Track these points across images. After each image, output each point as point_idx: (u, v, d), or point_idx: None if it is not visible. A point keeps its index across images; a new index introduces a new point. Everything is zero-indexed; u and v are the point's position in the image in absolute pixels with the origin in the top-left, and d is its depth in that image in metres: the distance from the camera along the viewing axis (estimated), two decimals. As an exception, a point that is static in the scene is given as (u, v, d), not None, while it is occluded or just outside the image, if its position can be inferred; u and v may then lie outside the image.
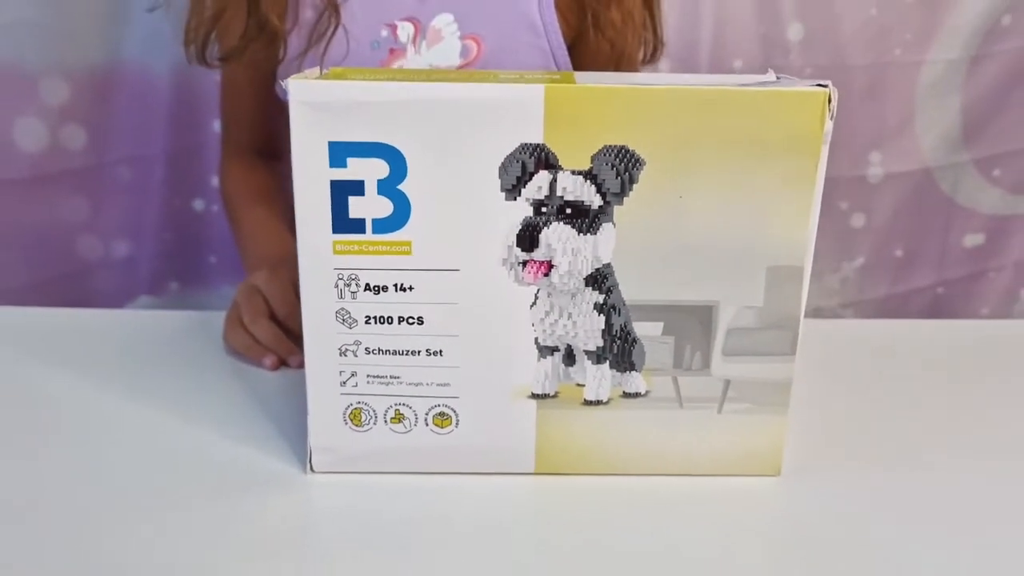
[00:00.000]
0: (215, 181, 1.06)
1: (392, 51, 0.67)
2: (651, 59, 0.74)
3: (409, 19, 0.67)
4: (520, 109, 0.38)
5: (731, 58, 1.05)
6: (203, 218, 1.09)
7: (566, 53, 0.68)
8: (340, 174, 0.39)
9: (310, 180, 0.39)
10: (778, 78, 0.45)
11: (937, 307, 1.17)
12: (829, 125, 0.39)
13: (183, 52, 0.88)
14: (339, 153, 0.39)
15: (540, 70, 0.65)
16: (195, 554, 0.38)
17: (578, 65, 0.70)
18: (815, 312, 1.15)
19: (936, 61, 1.07)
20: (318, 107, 0.38)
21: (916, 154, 1.10)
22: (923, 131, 1.10)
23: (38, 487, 0.43)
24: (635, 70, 0.73)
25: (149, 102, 1.04)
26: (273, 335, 0.57)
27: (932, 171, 1.11)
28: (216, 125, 1.04)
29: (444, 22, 0.66)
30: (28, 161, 1.03)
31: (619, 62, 0.69)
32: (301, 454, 0.46)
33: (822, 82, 0.40)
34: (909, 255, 1.15)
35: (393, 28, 0.67)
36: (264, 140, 0.82)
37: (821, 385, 0.55)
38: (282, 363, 0.56)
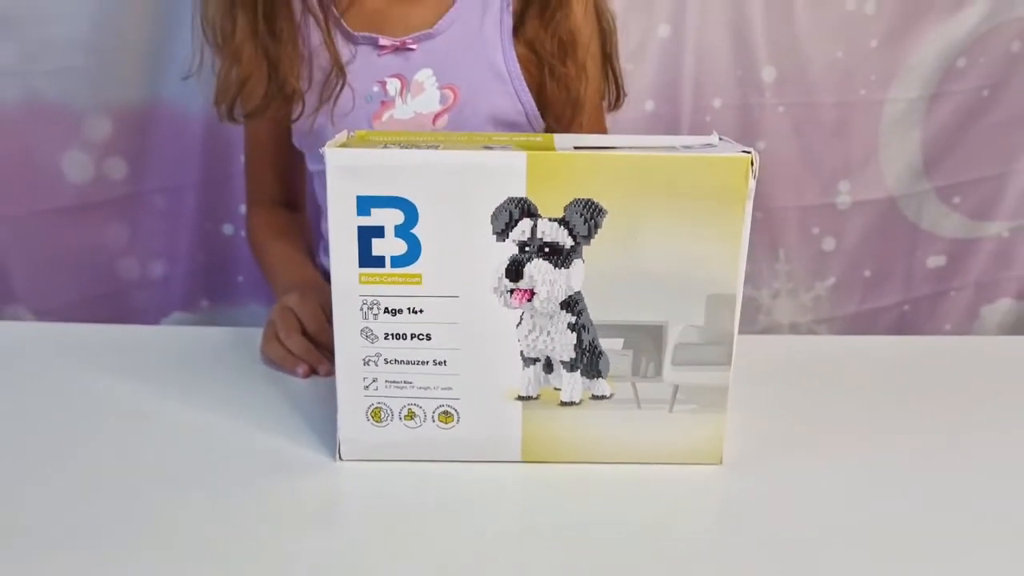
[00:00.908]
0: (243, 208, 1.16)
1: (383, 103, 0.78)
2: (615, 106, 0.85)
3: (396, 75, 0.78)
4: (508, 171, 0.48)
5: (711, 96, 1.14)
6: (232, 241, 1.19)
7: (530, 97, 0.79)
8: (365, 221, 0.49)
9: (342, 225, 0.49)
10: (720, 139, 0.55)
11: (903, 323, 1.26)
12: (752, 183, 0.49)
13: (212, 93, 0.99)
14: (365, 205, 0.49)
15: (524, 133, 0.76)
16: (246, 526, 0.48)
17: (542, 107, 0.81)
18: (791, 328, 1.25)
19: (898, 99, 1.16)
20: (349, 170, 0.48)
21: (881, 184, 1.20)
22: (887, 163, 1.19)
23: (106, 473, 0.53)
24: (597, 115, 0.84)
25: (184, 137, 1.14)
26: (305, 348, 0.67)
27: (896, 199, 1.21)
28: (243, 158, 1.15)
29: (425, 76, 0.78)
30: (74, 191, 1.13)
31: (575, 107, 0.80)
32: (330, 445, 0.56)
33: (747, 148, 0.50)
34: (877, 276, 1.24)
35: (383, 84, 0.78)
36: (284, 191, 0.93)
37: (774, 391, 0.65)
38: (312, 372, 0.66)
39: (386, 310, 0.51)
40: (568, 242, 0.50)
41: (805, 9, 1.11)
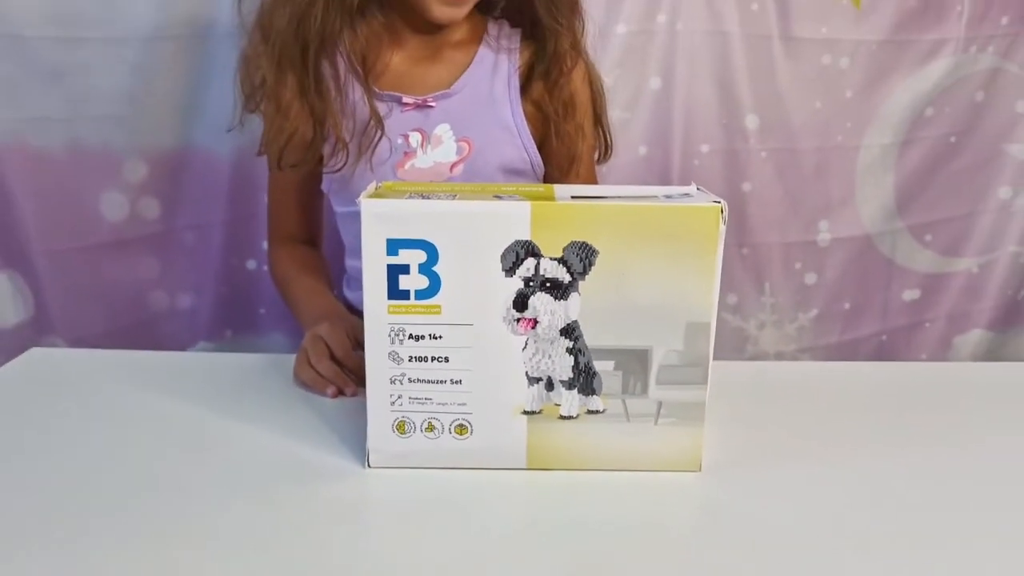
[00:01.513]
0: (265, 245, 1.25)
1: (406, 153, 0.88)
2: (604, 158, 0.95)
3: (417, 129, 0.87)
4: (515, 218, 0.57)
5: (699, 142, 1.24)
6: (255, 276, 1.27)
7: (535, 148, 0.89)
8: (393, 260, 0.58)
9: (374, 263, 0.58)
10: (698, 190, 0.64)
11: (882, 352, 1.34)
12: (722, 228, 0.57)
13: (239, 137, 1.09)
14: (393, 246, 0.58)
15: (529, 183, 0.85)
16: (288, 523, 0.56)
17: (544, 157, 0.91)
18: (777, 356, 1.33)
19: (872, 145, 1.26)
20: (380, 217, 0.57)
21: (858, 222, 1.29)
22: (863, 203, 1.28)
23: (161, 479, 0.61)
24: (590, 166, 0.94)
25: (212, 179, 1.23)
26: (334, 372, 0.75)
27: (872, 237, 1.30)
28: (266, 198, 1.24)
29: (443, 130, 0.87)
30: (110, 228, 1.22)
31: (573, 160, 0.90)
32: (359, 455, 0.64)
33: (717, 199, 0.58)
34: (856, 308, 1.33)
35: (406, 137, 0.87)
36: (307, 230, 1.01)
37: (751, 408, 0.73)
38: (340, 393, 0.74)
39: (410, 336, 0.59)
40: (566, 278, 0.58)
41: (785, 63, 1.21)
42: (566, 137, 0.88)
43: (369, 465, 0.63)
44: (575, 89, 0.88)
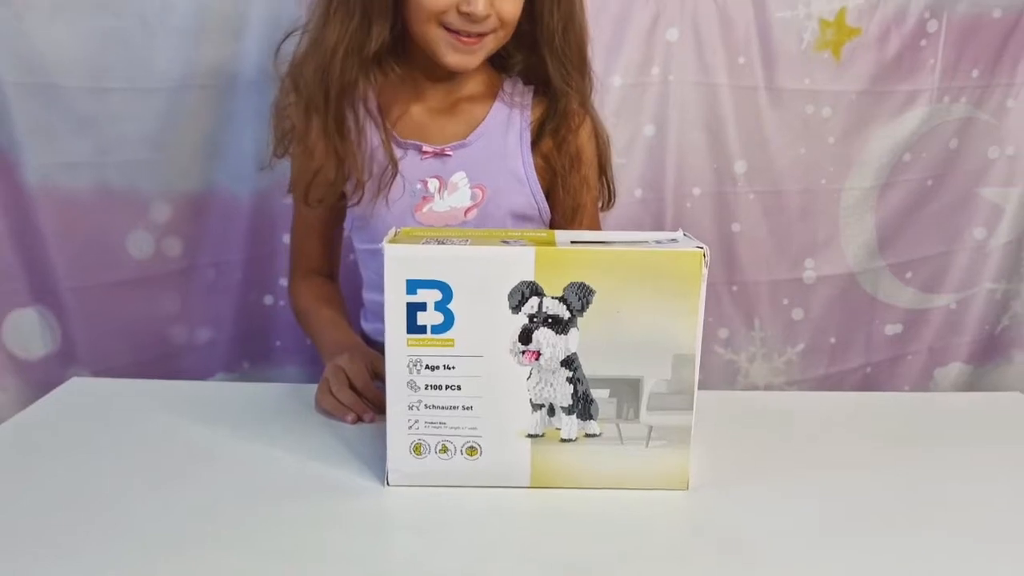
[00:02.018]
0: (283, 281, 1.32)
1: (424, 197, 0.95)
2: (607, 207, 1.02)
3: (435, 176, 0.95)
4: (520, 261, 0.64)
5: (691, 185, 1.31)
6: (272, 310, 1.34)
7: (543, 197, 0.97)
8: (413, 299, 0.65)
9: (395, 301, 0.65)
10: (684, 236, 0.71)
11: (866, 384, 1.40)
12: (705, 271, 0.64)
13: (259, 180, 1.16)
14: (412, 286, 0.65)
15: (533, 229, 0.92)
16: (316, 534, 0.62)
17: (551, 205, 0.98)
18: (766, 387, 1.39)
19: (854, 188, 1.33)
20: (401, 260, 0.64)
21: (842, 261, 1.35)
22: (846, 243, 1.35)
23: (201, 496, 0.68)
24: (593, 213, 1.01)
25: (232, 219, 1.30)
26: (354, 400, 0.81)
27: (855, 274, 1.36)
28: (284, 238, 1.30)
29: (459, 177, 0.94)
30: (136, 266, 1.28)
31: (577, 208, 0.97)
32: (379, 475, 0.70)
33: (701, 245, 0.66)
34: (841, 342, 1.39)
35: (425, 183, 0.95)
36: (327, 264, 1.08)
37: (738, 433, 0.80)
38: (359, 419, 0.81)
39: (426, 366, 0.66)
40: (566, 315, 0.65)
41: (770, 112, 1.28)
42: (571, 188, 0.96)
43: (388, 483, 0.69)
44: (581, 145, 0.96)
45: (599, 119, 1.00)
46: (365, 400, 0.82)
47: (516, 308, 0.65)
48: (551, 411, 0.67)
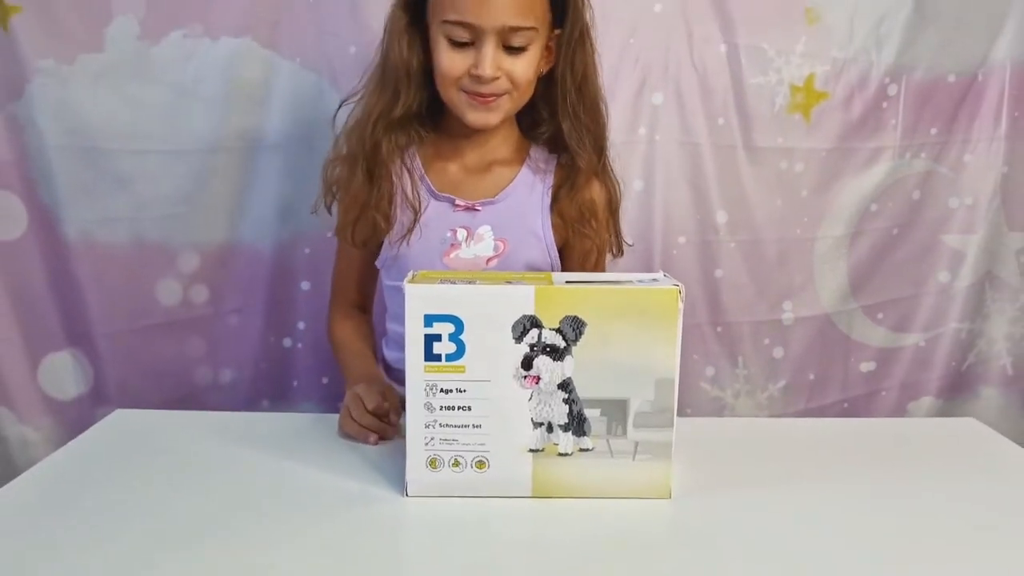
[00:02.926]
0: (301, 325, 1.42)
1: (452, 245, 1.05)
2: (616, 256, 1.13)
3: (464, 227, 1.06)
4: (522, 298, 0.75)
5: (677, 235, 1.41)
6: (290, 352, 1.44)
7: (557, 252, 1.08)
8: (429, 330, 0.75)
9: (414, 333, 0.75)
10: (664, 276, 0.82)
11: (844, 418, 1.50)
12: (681, 306, 0.75)
13: (280, 232, 1.27)
14: (429, 320, 0.75)
15: (534, 271, 1.02)
16: (345, 538, 0.72)
17: (564, 259, 1.09)
18: (751, 423, 1.48)
19: (826, 236, 1.43)
20: (420, 297, 0.75)
21: (818, 303, 1.45)
22: (821, 287, 1.45)
23: (234, 506, 0.77)
24: (602, 260, 1.11)
25: (255, 268, 1.40)
26: (374, 422, 0.91)
27: (830, 316, 1.46)
28: (302, 285, 1.41)
29: (485, 230, 1.05)
30: (164, 312, 1.39)
31: (585, 260, 1.09)
32: (398, 487, 0.80)
33: (677, 283, 0.76)
34: (819, 378, 1.48)
35: (454, 232, 1.05)
36: (362, 298, 1.18)
37: (718, 453, 0.89)
38: (380, 439, 0.91)
39: (441, 390, 0.76)
40: (562, 344, 0.76)
41: (748, 168, 1.40)
42: (584, 243, 1.07)
43: (407, 494, 0.79)
44: (593, 200, 1.07)
45: (612, 175, 1.09)
46: (383, 423, 0.92)
47: (518, 339, 0.75)
48: (550, 428, 0.77)
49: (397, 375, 1.12)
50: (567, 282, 0.77)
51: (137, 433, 0.95)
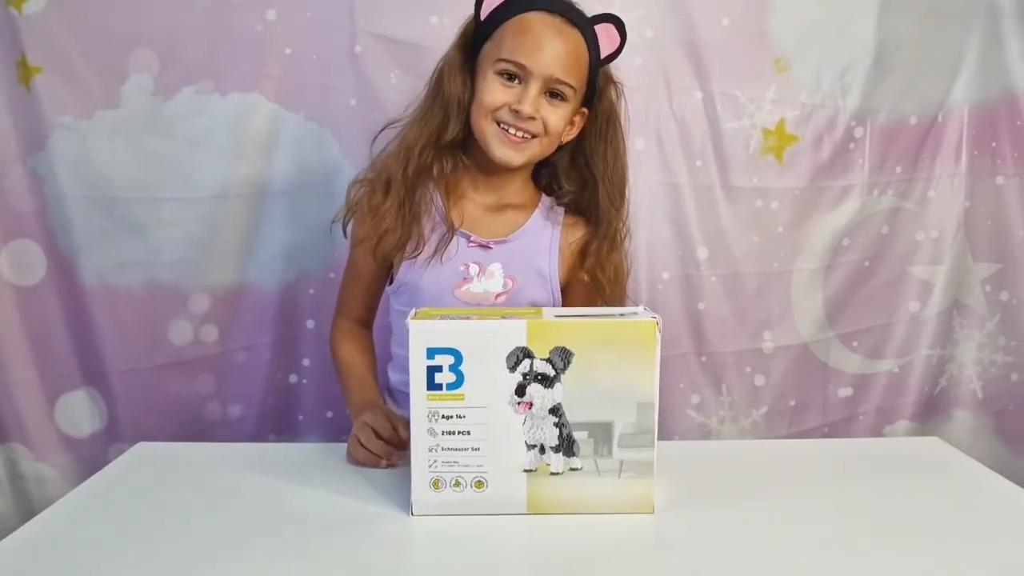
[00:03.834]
0: (307, 362, 1.49)
1: (464, 279, 1.13)
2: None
3: (476, 263, 1.13)
4: (515, 331, 0.83)
5: (660, 270, 1.49)
6: (296, 388, 1.50)
7: (560, 292, 1.16)
8: (431, 362, 0.83)
9: (418, 364, 0.83)
10: (644, 309, 0.89)
11: (824, 442, 1.57)
12: (659, 336, 0.83)
13: (286, 274, 1.35)
14: (431, 352, 0.83)
15: (527, 307, 1.10)
16: (356, 552, 0.79)
17: (566, 296, 1.17)
18: (736, 448, 1.55)
19: (802, 269, 1.51)
20: (423, 332, 0.83)
21: (795, 333, 1.53)
22: (798, 317, 1.53)
23: (253, 525, 0.84)
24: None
25: (262, 308, 1.47)
26: (382, 448, 0.98)
27: (808, 344, 1.54)
28: (308, 323, 1.48)
29: (496, 267, 1.13)
30: (175, 351, 1.46)
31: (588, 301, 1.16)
32: (404, 506, 0.87)
33: (655, 315, 0.84)
34: (799, 404, 1.55)
35: (467, 266, 1.13)
36: (366, 313, 1.24)
37: (698, 471, 0.96)
38: (391, 464, 0.98)
39: (443, 416, 0.84)
40: (552, 372, 0.83)
41: (726, 206, 1.48)
42: (594, 296, 1.16)
43: (412, 513, 0.86)
44: (619, 262, 1.16)
45: (624, 250, 1.19)
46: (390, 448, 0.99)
47: (512, 368, 0.83)
48: (542, 450, 0.85)
49: (400, 397, 1.20)
50: (556, 316, 0.85)
51: (158, 464, 1.02)
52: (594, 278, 1.15)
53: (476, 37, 1.11)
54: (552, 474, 0.85)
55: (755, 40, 1.45)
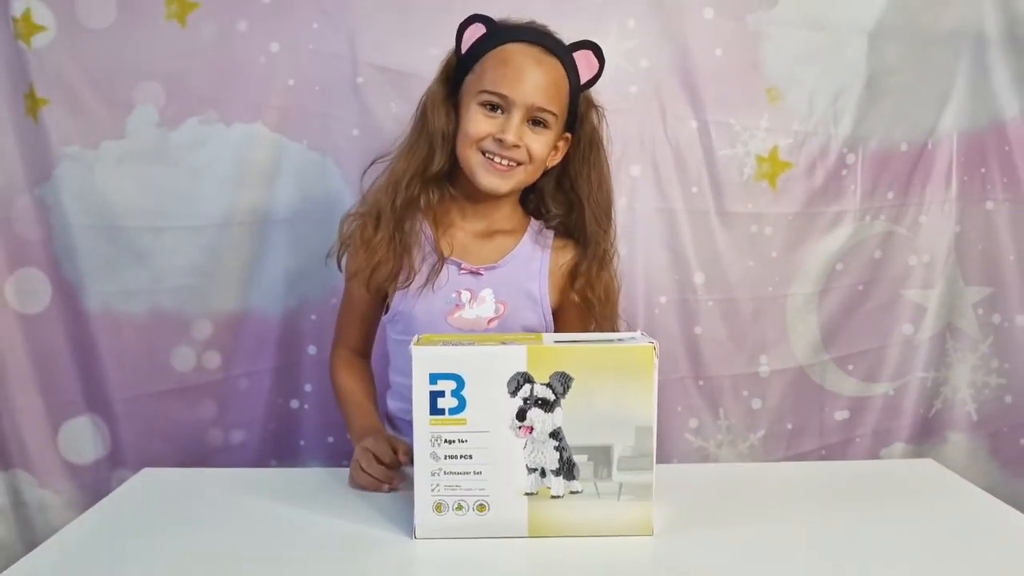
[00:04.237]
0: (308, 387, 1.50)
1: (456, 306, 1.14)
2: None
3: (468, 289, 1.15)
4: (515, 357, 0.84)
5: (658, 295, 1.51)
6: (297, 414, 1.52)
7: (551, 316, 1.18)
8: (433, 388, 0.85)
9: (421, 390, 0.85)
10: (641, 335, 0.91)
11: (822, 465, 1.58)
12: (656, 361, 0.85)
13: (288, 300, 1.37)
14: (433, 378, 0.85)
15: (526, 332, 1.13)
16: (364, 573, 0.80)
17: (559, 318, 1.19)
18: (734, 471, 1.56)
19: (797, 294, 1.53)
20: (425, 358, 0.85)
21: (791, 356, 1.54)
22: (794, 341, 1.55)
23: (260, 549, 0.85)
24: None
25: (264, 334, 1.49)
26: (384, 472, 1.00)
27: (804, 368, 1.56)
28: (309, 349, 1.50)
29: (487, 293, 1.15)
30: (178, 377, 1.47)
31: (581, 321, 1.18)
32: (407, 529, 0.88)
33: (652, 340, 0.86)
34: (796, 428, 1.57)
35: (459, 294, 1.15)
36: (362, 343, 1.26)
37: (695, 493, 0.98)
38: (393, 489, 0.99)
39: (445, 440, 0.85)
40: (552, 397, 0.85)
41: (721, 232, 1.50)
42: (585, 320, 1.19)
43: (416, 536, 0.87)
44: (608, 281, 1.19)
45: (614, 277, 1.22)
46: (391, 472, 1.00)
47: (513, 393, 0.85)
48: (543, 473, 0.86)
49: (400, 424, 1.21)
50: (556, 342, 0.87)
51: (164, 490, 1.03)
52: (584, 298, 1.17)
53: (458, 70, 1.15)
54: (553, 497, 0.86)
55: (748, 70, 1.48)
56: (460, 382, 0.85)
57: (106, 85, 1.38)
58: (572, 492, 0.87)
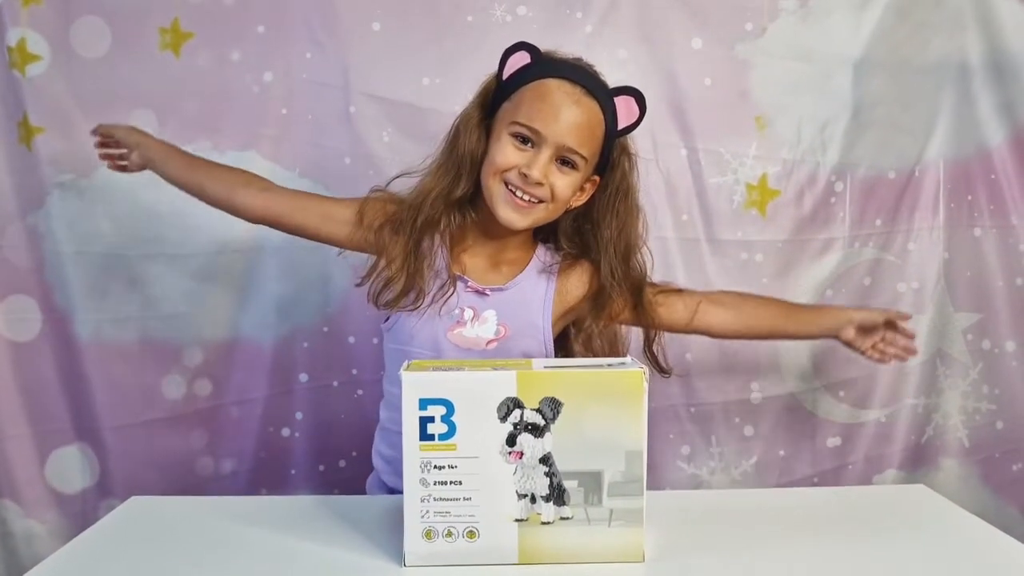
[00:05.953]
0: (299, 415, 1.50)
1: (457, 322, 1.14)
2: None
3: (471, 307, 1.14)
4: (505, 382, 0.84)
5: (649, 322, 1.53)
6: (288, 442, 1.51)
7: (552, 342, 1.17)
8: (423, 413, 0.85)
9: (410, 415, 0.84)
10: (632, 360, 0.92)
11: (814, 492, 1.58)
12: (646, 386, 0.85)
13: (279, 328, 1.36)
14: (423, 404, 0.85)
15: (518, 357, 1.13)
16: (355, 599, 0.79)
17: (559, 345, 1.19)
18: (727, 499, 1.56)
19: (787, 320, 1.56)
20: (415, 384, 0.84)
21: (783, 383, 1.55)
22: (786, 367, 1.56)
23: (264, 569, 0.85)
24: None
25: (255, 362, 1.49)
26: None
27: (796, 394, 1.56)
28: (301, 377, 1.50)
29: (490, 314, 1.14)
30: (169, 405, 1.47)
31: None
32: (396, 558, 0.87)
33: (642, 366, 0.86)
34: (789, 455, 1.57)
35: (462, 311, 1.14)
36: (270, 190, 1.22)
37: (685, 519, 0.98)
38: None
39: (435, 466, 0.85)
40: (542, 422, 0.85)
41: (711, 259, 1.52)
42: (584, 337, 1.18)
43: (405, 565, 0.86)
44: (617, 328, 1.20)
45: (652, 310, 1.21)
46: None
47: (503, 418, 0.85)
48: (533, 499, 0.86)
49: (390, 436, 1.19)
50: (545, 367, 0.87)
51: (151, 518, 1.02)
52: (588, 347, 1.17)
53: (496, 95, 1.13)
54: (543, 523, 0.86)
55: (736, 99, 1.50)
56: (450, 407, 0.85)
57: (100, 113, 1.39)
58: (562, 518, 0.86)
